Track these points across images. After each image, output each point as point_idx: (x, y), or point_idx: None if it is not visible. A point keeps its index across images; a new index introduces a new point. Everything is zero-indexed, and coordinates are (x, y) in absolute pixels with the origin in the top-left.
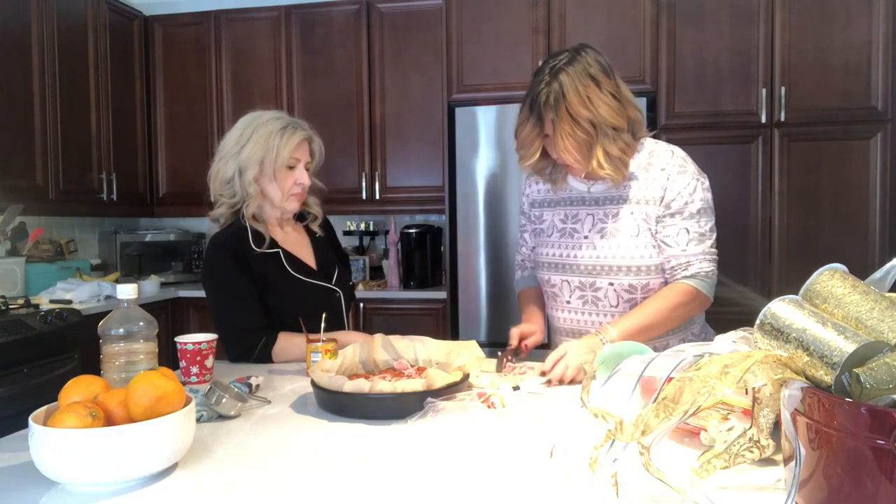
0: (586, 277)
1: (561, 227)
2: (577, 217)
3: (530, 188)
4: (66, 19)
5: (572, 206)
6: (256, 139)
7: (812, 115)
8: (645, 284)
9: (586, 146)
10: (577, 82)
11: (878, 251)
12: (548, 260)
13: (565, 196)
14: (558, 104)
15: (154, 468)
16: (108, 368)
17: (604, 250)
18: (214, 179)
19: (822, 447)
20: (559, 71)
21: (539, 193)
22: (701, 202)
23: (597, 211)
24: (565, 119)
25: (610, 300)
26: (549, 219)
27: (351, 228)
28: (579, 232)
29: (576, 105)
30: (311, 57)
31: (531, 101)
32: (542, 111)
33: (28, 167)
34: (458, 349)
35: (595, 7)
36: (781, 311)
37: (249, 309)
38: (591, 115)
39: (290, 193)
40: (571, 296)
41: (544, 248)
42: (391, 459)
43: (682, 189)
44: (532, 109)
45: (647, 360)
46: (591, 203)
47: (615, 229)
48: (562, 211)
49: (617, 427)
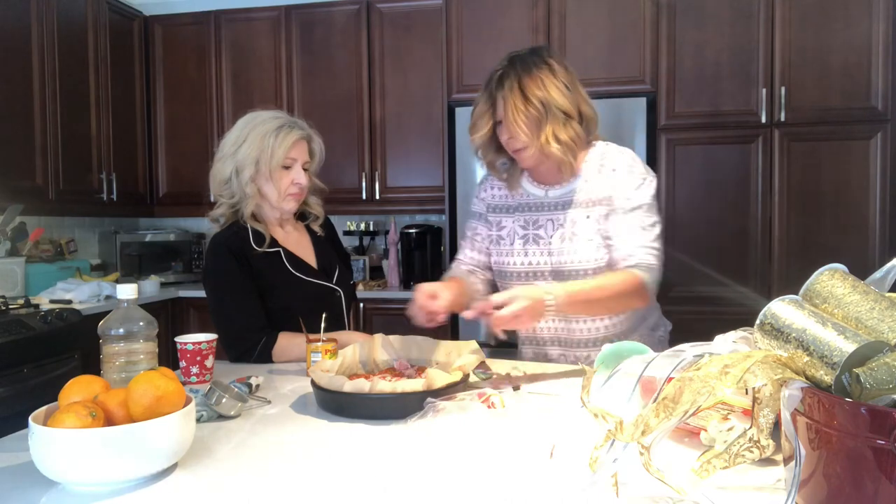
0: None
1: (523, 234)
2: (537, 223)
3: (486, 192)
4: (66, 19)
5: (531, 212)
6: (252, 139)
7: (812, 115)
8: None
9: (535, 123)
10: (533, 66)
11: (878, 251)
12: (514, 269)
13: (523, 202)
14: (511, 81)
15: (154, 468)
16: (108, 368)
17: (566, 255)
18: (214, 179)
19: (822, 447)
20: (517, 58)
21: (496, 199)
22: (645, 198)
23: (556, 216)
24: (518, 96)
25: None
26: (510, 226)
27: (351, 228)
28: (543, 238)
29: (529, 84)
30: (311, 57)
31: (486, 81)
32: (495, 90)
33: (28, 167)
34: (458, 349)
35: (595, 7)
36: (781, 311)
37: (249, 309)
38: (543, 95)
39: (286, 193)
40: None
41: (507, 257)
42: (391, 459)
43: (628, 186)
44: (486, 88)
45: (647, 360)
46: (550, 208)
47: (573, 233)
48: (521, 217)
49: (617, 427)
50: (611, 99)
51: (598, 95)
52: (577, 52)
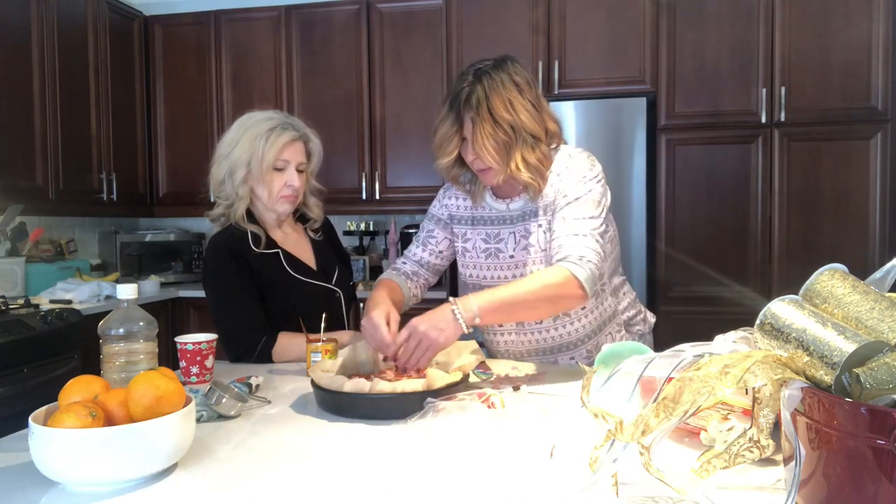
0: None
1: (485, 248)
2: (499, 237)
3: (451, 201)
4: (66, 19)
5: (493, 225)
6: (244, 141)
7: (812, 115)
8: None
9: (505, 149)
10: (500, 86)
11: (878, 251)
12: (477, 282)
13: (486, 216)
14: (480, 104)
15: (154, 468)
16: (108, 368)
17: (526, 267)
18: (212, 181)
19: (822, 447)
20: (483, 73)
21: (460, 210)
22: (581, 192)
23: (517, 228)
24: (486, 119)
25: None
26: (473, 238)
27: (351, 228)
28: (503, 252)
29: (498, 107)
30: (311, 57)
31: (452, 99)
32: (463, 110)
33: (28, 167)
34: (458, 349)
35: (595, 7)
36: (781, 311)
37: (249, 309)
38: (512, 119)
39: (279, 196)
40: None
41: (470, 270)
42: (391, 459)
43: (567, 182)
44: (452, 107)
45: (647, 360)
46: (511, 221)
47: (529, 244)
48: (483, 231)
49: (617, 427)
50: (611, 99)
51: (598, 95)
52: (577, 52)
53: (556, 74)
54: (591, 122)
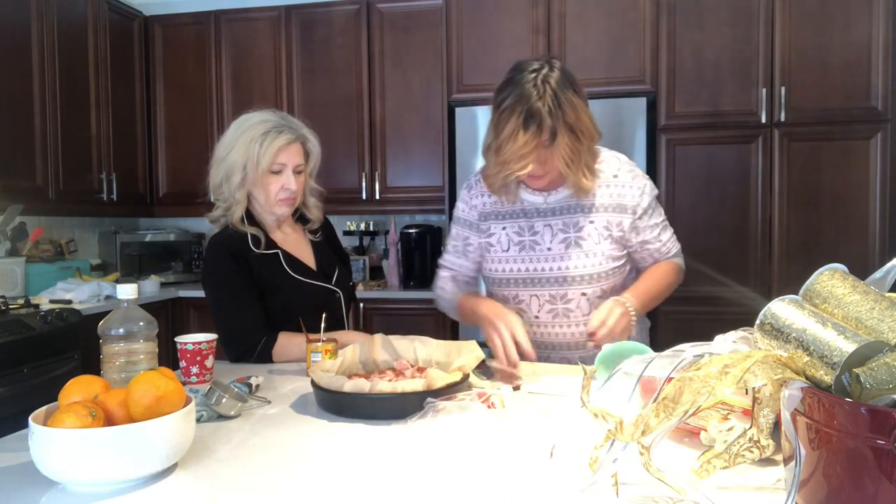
0: (557, 289)
1: (518, 241)
2: (533, 229)
3: (476, 200)
4: (66, 19)
5: (526, 218)
6: (240, 145)
7: (812, 115)
8: (613, 287)
9: (576, 156)
10: (569, 92)
11: (878, 251)
12: (511, 276)
13: (517, 209)
14: (556, 114)
15: (154, 468)
16: (108, 368)
17: (572, 261)
18: (210, 183)
19: (822, 447)
20: (547, 80)
21: (487, 206)
22: (654, 195)
23: (554, 222)
24: (563, 130)
25: (582, 309)
26: (500, 233)
27: (351, 228)
28: (540, 244)
29: (570, 115)
30: (311, 57)
31: (526, 111)
32: (542, 121)
33: (28, 167)
34: (458, 349)
35: (595, 7)
36: (781, 311)
37: (249, 309)
38: (581, 125)
39: (276, 199)
40: (540, 310)
41: (501, 265)
42: (391, 459)
43: (644, 192)
44: (529, 120)
45: (647, 360)
46: (548, 214)
47: (579, 238)
48: (515, 224)
49: (617, 427)
50: (611, 99)
51: (598, 95)
52: (577, 52)
53: None
54: None
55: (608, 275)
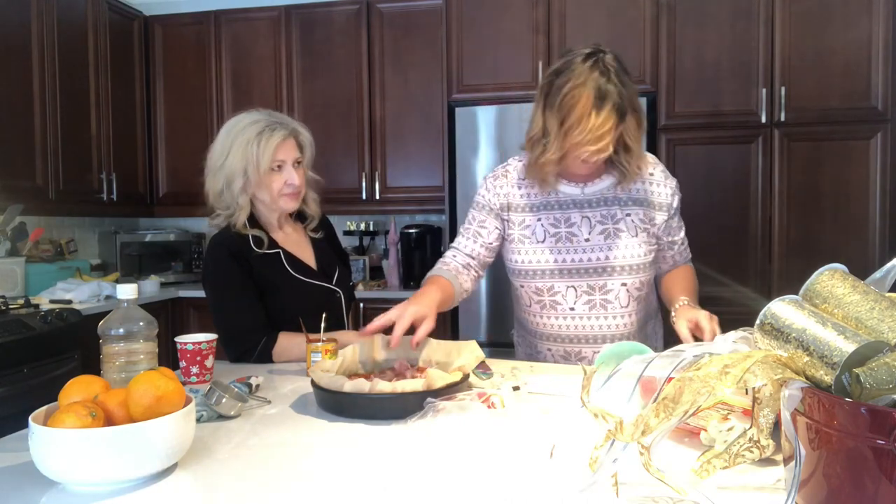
0: (596, 280)
1: (554, 232)
2: (570, 220)
3: (508, 189)
4: (66, 19)
5: (562, 209)
6: (235, 150)
7: (812, 115)
8: (648, 280)
9: (639, 136)
10: (625, 74)
11: (878, 251)
12: (546, 266)
13: (552, 200)
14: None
15: (154, 468)
16: (108, 368)
17: (612, 251)
18: (209, 193)
19: (822, 447)
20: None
21: (517, 197)
22: (679, 198)
23: (591, 213)
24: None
25: (621, 301)
26: (535, 224)
27: (351, 228)
28: (577, 235)
29: (633, 98)
30: (311, 57)
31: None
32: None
33: (28, 167)
34: (458, 349)
35: (595, 7)
36: (781, 311)
37: (249, 309)
38: (640, 109)
39: (281, 195)
40: (577, 301)
41: (536, 255)
42: (391, 459)
43: (675, 192)
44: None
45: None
46: (585, 206)
47: (617, 230)
48: (550, 215)
49: (617, 427)
50: None
51: None
52: None
53: None
54: None
55: (645, 267)
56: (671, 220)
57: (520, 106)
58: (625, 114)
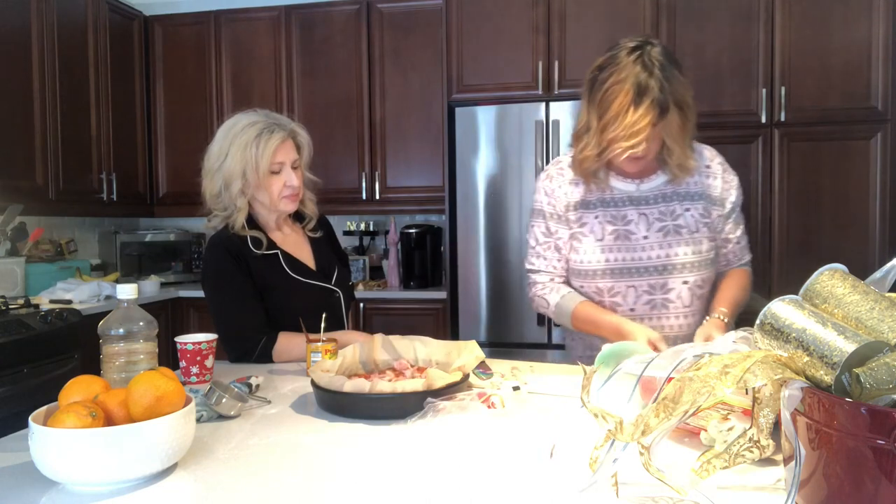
0: (657, 279)
1: (611, 230)
2: (626, 218)
3: (559, 190)
4: (66, 19)
5: (617, 207)
6: (234, 152)
7: (812, 115)
8: (710, 278)
9: (684, 133)
10: (674, 69)
11: (878, 251)
12: (606, 266)
13: (607, 197)
14: (666, 89)
15: (154, 468)
16: (108, 368)
17: (673, 248)
18: (206, 194)
19: (822, 447)
20: (653, 57)
21: (573, 195)
22: (741, 194)
23: (649, 210)
24: (673, 105)
25: (683, 300)
26: (593, 222)
27: (351, 228)
28: (635, 233)
29: (679, 91)
30: (311, 57)
31: (636, 87)
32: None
33: (28, 167)
34: (458, 349)
35: (595, 7)
36: (781, 311)
37: (249, 309)
38: (687, 102)
39: (280, 197)
40: (637, 301)
41: (595, 255)
42: (391, 459)
43: (732, 186)
44: (640, 95)
45: (647, 360)
46: (641, 203)
47: (677, 227)
48: (607, 213)
49: (617, 427)
50: None
51: None
52: (577, 52)
53: (555, 74)
54: None
55: (707, 263)
56: (726, 215)
57: (520, 106)
58: (666, 110)
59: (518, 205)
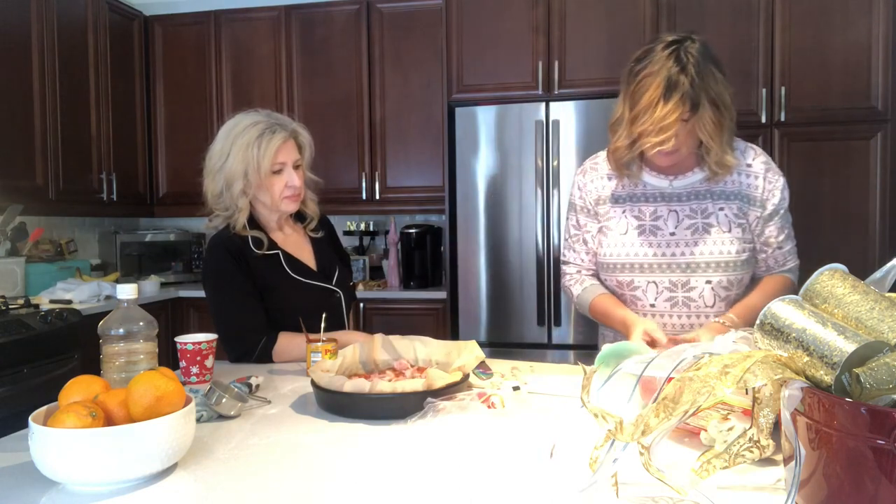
0: (679, 277)
1: (638, 225)
2: (656, 214)
3: (591, 184)
4: (66, 19)
5: (648, 202)
6: (235, 152)
7: (812, 115)
8: (739, 280)
9: (720, 130)
10: (710, 65)
11: (878, 251)
12: (628, 260)
13: (639, 192)
14: (698, 85)
15: (154, 468)
16: (108, 368)
17: (698, 247)
18: (207, 194)
19: (822, 447)
20: (689, 52)
21: (605, 189)
22: (785, 196)
23: (680, 207)
24: (706, 101)
25: (706, 300)
26: (619, 216)
27: (351, 228)
28: (663, 230)
29: (713, 87)
30: (311, 57)
31: (667, 81)
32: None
33: (28, 167)
34: (458, 349)
35: (595, 7)
36: (781, 311)
37: (249, 309)
38: (723, 100)
39: (282, 197)
40: (658, 298)
41: (618, 248)
42: (391, 459)
43: (775, 187)
44: (670, 90)
45: (647, 360)
46: (673, 199)
47: (707, 225)
48: (635, 207)
49: (617, 427)
50: (611, 99)
51: (598, 95)
52: (577, 52)
53: (555, 74)
54: (591, 122)
55: (735, 265)
56: (766, 217)
57: (520, 106)
58: (697, 106)
59: (518, 205)
